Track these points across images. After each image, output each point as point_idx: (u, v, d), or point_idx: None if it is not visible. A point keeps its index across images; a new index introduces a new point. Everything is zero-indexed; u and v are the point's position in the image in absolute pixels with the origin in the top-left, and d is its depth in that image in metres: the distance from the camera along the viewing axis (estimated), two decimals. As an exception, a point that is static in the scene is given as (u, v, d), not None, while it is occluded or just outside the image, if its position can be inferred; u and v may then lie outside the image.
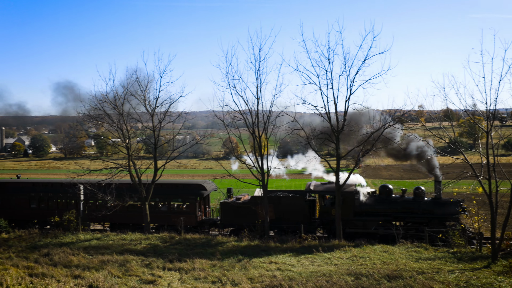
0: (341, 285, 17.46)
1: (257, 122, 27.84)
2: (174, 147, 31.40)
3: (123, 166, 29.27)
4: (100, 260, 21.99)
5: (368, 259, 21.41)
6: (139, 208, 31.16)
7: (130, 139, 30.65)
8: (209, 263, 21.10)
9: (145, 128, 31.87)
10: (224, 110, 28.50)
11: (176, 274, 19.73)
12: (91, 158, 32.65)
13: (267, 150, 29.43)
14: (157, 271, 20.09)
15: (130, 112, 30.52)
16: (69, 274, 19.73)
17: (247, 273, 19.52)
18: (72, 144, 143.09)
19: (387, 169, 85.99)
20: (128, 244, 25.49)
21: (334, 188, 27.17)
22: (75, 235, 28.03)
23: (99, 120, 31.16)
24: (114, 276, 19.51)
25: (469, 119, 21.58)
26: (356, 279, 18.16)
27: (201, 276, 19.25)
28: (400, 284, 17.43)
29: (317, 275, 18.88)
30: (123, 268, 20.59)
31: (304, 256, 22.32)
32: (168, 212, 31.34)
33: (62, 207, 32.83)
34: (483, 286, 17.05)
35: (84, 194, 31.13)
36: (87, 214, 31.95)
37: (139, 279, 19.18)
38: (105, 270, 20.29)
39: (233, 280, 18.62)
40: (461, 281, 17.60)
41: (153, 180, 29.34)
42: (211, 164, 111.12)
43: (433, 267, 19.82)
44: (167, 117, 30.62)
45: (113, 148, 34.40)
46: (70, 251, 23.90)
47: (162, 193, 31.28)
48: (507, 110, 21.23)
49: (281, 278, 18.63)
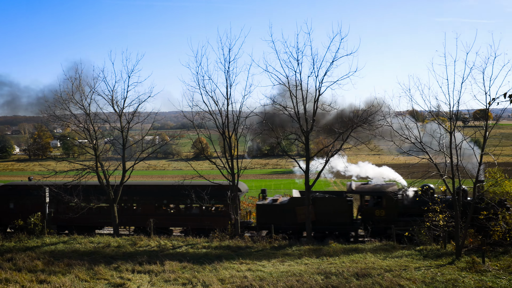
0: (311, 284, 17.65)
1: (227, 123, 27.82)
2: (143, 148, 30.95)
3: (90, 167, 28.69)
4: (66, 263, 21.47)
5: (337, 258, 21.72)
6: (164, 211, 30.43)
7: (98, 140, 30.06)
8: (179, 265, 20.93)
9: (113, 129, 31.31)
10: (194, 110, 28.34)
11: (146, 277, 19.49)
12: (56, 160, 31.81)
13: (237, 151, 29.42)
14: (126, 274, 19.79)
15: (97, 112, 29.97)
16: (34, 279, 19.20)
17: (218, 274, 19.48)
18: (37, 145, 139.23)
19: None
20: (96, 247, 25.01)
21: (379, 188, 26.79)
22: (41, 239, 27.28)
23: (65, 121, 30.43)
24: (82, 280, 19.10)
25: (433, 119, 22.18)
26: (326, 278, 18.39)
27: (171, 278, 19.09)
28: (368, 282, 17.76)
29: (288, 275, 19.03)
30: (90, 272, 20.18)
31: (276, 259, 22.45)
32: (201, 215, 29.87)
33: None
34: (448, 282, 17.58)
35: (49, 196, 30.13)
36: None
37: (107, 283, 18.86)
38: (72, 274, 19.83)
39: (203, 281, 18.54)
40: (427, 278, 18.09)
41: (121, 181, 28.85)
42: (181, 165, 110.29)
43: (400, 264, 20.30)
44: (136, 117, 30.18)
45: (80, 149, 33.58)
46: (35, 255, 23.23)
47: (195, 195, 28.39)
48: (469, 111, 21.89)
49: (251, 278, 18.67)
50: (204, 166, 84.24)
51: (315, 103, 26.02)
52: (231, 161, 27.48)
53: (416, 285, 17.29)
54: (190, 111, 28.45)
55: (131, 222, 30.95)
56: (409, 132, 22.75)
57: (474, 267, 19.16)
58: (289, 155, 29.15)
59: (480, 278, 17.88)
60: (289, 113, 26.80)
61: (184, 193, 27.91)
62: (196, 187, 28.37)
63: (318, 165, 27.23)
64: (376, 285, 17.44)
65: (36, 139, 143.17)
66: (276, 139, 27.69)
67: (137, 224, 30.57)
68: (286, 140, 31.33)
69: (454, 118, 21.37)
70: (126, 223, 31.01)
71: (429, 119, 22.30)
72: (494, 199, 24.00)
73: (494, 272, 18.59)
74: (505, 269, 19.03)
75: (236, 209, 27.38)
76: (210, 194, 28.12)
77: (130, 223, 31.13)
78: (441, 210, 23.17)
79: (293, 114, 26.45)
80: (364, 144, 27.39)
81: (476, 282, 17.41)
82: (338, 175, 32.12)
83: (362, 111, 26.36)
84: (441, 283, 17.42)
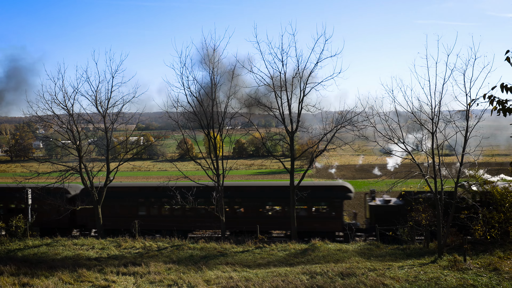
0: (296, 284, 17.75)
1: (212, 123, 27.81)
2: (128, 149, 30.75)
3: (74, 168, 28.42)
4: (50, 266, 21.24)
5: (322, 258, 21.88)
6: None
7: (81, 140, 29.80)
8: (164, 267, 20.87)
9: (96, 130, 31.06)
10: (179, 111, 28.25)
11: (131, 279, 19.39)
12: (39, 161, 31.44)
13: (223, 151, 29.41)
14: (110, 276, 19.66)
15: (80, 113, 29.69)
16: (17, 282, 18.94)
17: (204, 275, 19.47)
18: (19, 146, 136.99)
19: (340, 169, 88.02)
20: (80, 249, 24.79)
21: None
22: (23, 241, 26.93)
23: (47, 121, 30.09)
24: (65, 283, 18.92)
25: (415, 121, 22.51)
26: (311, 278, 18.52)
27: (156, 279, 19.02)
28: (353, 281, 17.95)
29: (273, 275, 19.11)
30: (74, 274, 19.99)
31: (261, 256, 22.53)
32: (307, 217, 28.73)
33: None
34: (430, 280, 17.86)
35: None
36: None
37: (92, 285, 18.71)
38: (55, 277, 19.63)
39: (189, 282, 18.52)
40: (410, 276, 18.35)
41: (105, 183, 28.63)
42: (165, 166, 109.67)
43: (384, 263, 20.55)
44: (120, 118, 29.99)
45: (63, 151, 33.15)
46: (18, 258, 22.93)
47: (303, 196, 27.38)
48: (450, 112, 22.25)
49: (237, 279, 18.71)
50: (189, 167, 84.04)
51: (299, 103, 26.21)
52: (216, 161, 27.48)
53: (399, 283, 17.53)
54: (174, 112, 28.37)
55: (235, 226, 29.35)
56: (392, 133, 23.04)
57: (456, 265, 19.51)
58: (274, 156, 29.24)
59: (462, 276, 18.21)
60: (274, 114, 26.93)
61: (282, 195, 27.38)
62: (308, 188, 27.18)
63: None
64: (361, 284, 17.64)
65: (18, 140, 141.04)
66: (261, 140, 27.79)
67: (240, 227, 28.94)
68: (271, 140, 31.45)
69: (436, 119, 21.72)
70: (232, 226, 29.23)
71: (411, 120, 22.54)
72: (475, 198, 24.48)
73: (475, 270, 18.96)
74: (486, 267, 19.42)
75: (222, 209, 27.35)
76: (317, 195, 26.94)
77: (234, 227, 29.44)
78: (423, 209, 23.52)
79: (278, 115, 26.59)
80: (348, 144, 27.66)
81: (458, 280, 17.73)
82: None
83: (346, 112, 26.60)
84: (424, 282, 17.69)
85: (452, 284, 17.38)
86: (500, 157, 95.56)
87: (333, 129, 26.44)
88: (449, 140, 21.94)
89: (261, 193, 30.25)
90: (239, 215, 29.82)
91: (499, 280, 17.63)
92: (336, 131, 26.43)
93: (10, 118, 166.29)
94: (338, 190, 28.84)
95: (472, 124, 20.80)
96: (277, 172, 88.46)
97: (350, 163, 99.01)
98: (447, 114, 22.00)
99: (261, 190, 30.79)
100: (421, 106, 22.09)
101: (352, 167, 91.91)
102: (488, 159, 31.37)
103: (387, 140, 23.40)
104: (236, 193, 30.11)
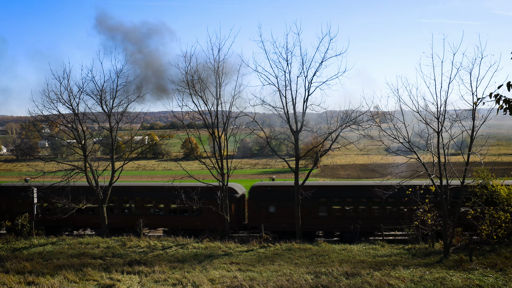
0: (301, 283, 17.71)
1: (216, 123, 27.81)
2: (132, 148, 30.82)
3: (79, 167, 28.52)
4: (55, 265, 21.32)
5: (327, 258, 21.83)
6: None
7: (86, 140, 29.89)
8: (168, 265, 20.89)
9: (101, 129, 31.16)
10: (183, 110, 28.28)
11: (136, 278, 19.42)
12: (45, 160, 31.53)
13: (227, 151, 29.39)
14: (115, 275, 19.70)
15: (86, 112, 29.79)
16: (22, 281, 19.02)
17: (208, 275, 19.47)
18: (25, 145, 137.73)
19: (345, 169, 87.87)
20: (85, 248, 24.87)
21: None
22: (29, 240, 27.06)
23: (53, 120, 30.22)
24: (71, 282, 18.97)
25: (421, 120, 22.39)
26: (316, 277, 18.48)
27: (161, 278, 19.04)
28: (358, 281, 17.88)
29: (278, 275, 19.08)
30: (80, 273, 20.06)
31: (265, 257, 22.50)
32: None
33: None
34: (436, 280, 17.76)
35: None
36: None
37: (97, 284, 18.75)
38: (60, 275, 19.70)
39: (193, 281, 18.52)
40: (415, 276, 18.26)
41: (111, 182, 28.71)
42: (170, 165, 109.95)
43: (390, 263, 20.46)
44: (125, 117, 30.07)
45: (68, 150, 33.27)
46: (23, 257, 23.05)
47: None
48: (456, 111, 22.12)
49: (242, 278, 18.69)
50: (194, 166, 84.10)
51: (304, 103, 26.16)
52: (221, 161, 27.47)
53: (405, 283, 17.45)
54: (179, 111, 28.41)
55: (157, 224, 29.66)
56: (398, 132, 22.94)
57: (462, 266, 19.41)
58: (279, 155, 29.21)
59: (468, 276, 18.10)
60: (278, 113, 26.90)
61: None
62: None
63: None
64: (366, 284, 17.58)
65: (24, 139, 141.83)
66: (266, 139, 27.71)
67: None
68: (275, 140, 31.40)
69: (441, 118, 21.60)
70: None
71: (417, 119, 22.40)
72: (482, 198, 24.31)
73: (481, 270, 18.84)
74: (492, 267, 19.30)
75: (227, 209, 27.32)
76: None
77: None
78: (429, 209, 23.40)
79: (283, 114, 26.56)
80: (353, 144, 27.58)
81: (464, 280, 17.62)
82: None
83: (351, 111, 26.52)
84: (430, 282, 17.60)
85: (457, 284, 17.28)
86: (506, 157, 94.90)
87: (338, 128, 26.37)
88: (455, 139, 21.82)
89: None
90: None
91: (506, 281, 17.51)
92: (341, 131, 26.37)
93: (16, 118, 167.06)
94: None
95: (478, 124, 20.67)
96: (282, 171, 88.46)
97: (355, 163, 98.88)
98: (453, 113, 21.87)
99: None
100: (427, 105, 22.00)
101: (357, 166, 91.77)
102: (494, 159, 31.17)
103: (392, 139, 23.30)
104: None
